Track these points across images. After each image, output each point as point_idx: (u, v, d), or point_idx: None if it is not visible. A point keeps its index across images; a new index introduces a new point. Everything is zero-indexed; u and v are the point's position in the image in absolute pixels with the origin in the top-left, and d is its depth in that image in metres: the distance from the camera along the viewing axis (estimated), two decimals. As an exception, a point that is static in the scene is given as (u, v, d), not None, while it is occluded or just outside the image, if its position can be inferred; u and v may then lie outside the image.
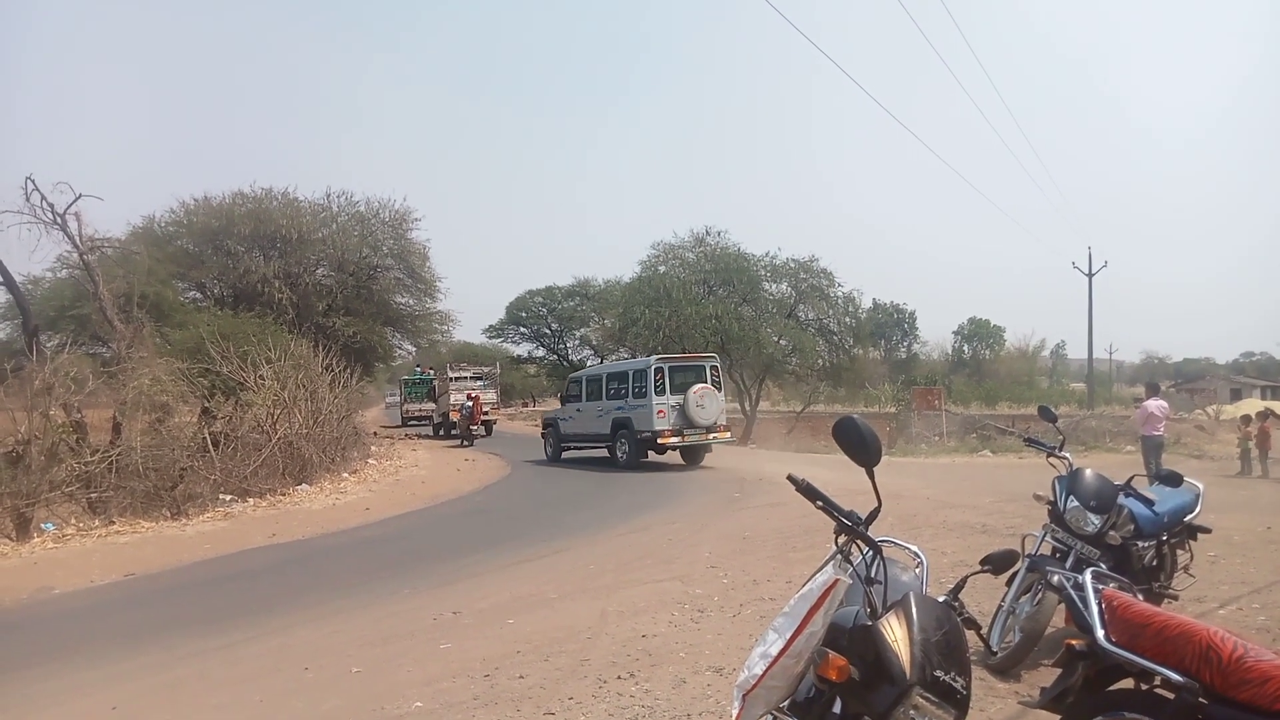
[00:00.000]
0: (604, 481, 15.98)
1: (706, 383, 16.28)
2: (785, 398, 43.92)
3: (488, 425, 25.52)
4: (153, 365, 13.46)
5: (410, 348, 33.30)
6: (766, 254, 30.06)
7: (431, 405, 32.65)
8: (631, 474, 16.85)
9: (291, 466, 14.56)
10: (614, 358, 41.31)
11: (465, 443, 25.01)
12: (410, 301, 30.17)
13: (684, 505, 12.21)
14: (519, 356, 42.92)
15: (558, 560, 8.48)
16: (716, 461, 19.03)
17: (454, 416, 28.63)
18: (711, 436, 16.38)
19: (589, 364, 44.79)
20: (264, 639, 6.12)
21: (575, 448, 18.73)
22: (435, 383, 32.48)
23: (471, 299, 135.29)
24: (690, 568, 7.63)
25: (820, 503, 2.50)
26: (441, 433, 29.28)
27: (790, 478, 2.53)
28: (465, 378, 30.72)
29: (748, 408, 30.73)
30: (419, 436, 30.26)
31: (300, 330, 22.52)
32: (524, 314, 44.16)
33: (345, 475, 16.13)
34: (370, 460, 18.98)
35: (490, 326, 45.58)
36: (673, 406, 16.09)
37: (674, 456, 17.57)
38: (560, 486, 15.68)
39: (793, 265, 29.55)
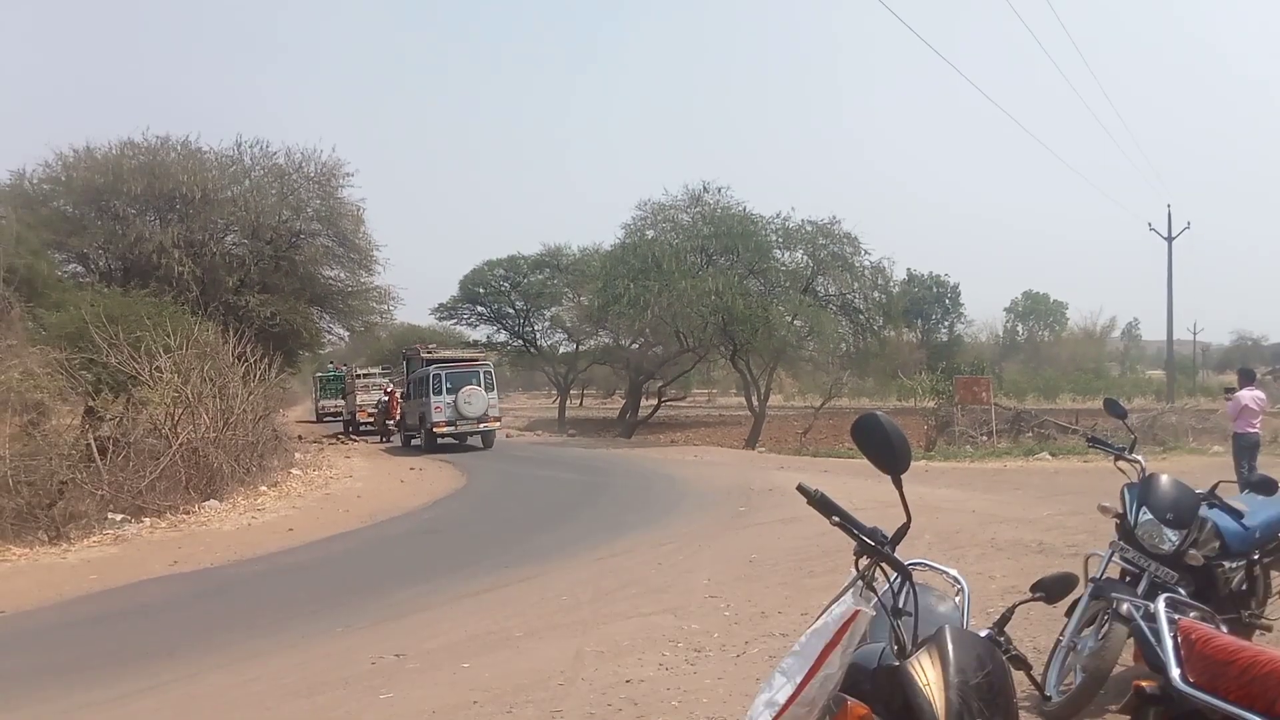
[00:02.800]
0: (581, 493, 16.02)
1: (478, 385, 25.11)
2: (801, 390, 44.07)
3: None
4: (23, 355, 13.35)
5: (342, 332, 33.13)
6: (778, 215, 29.93)
7: (344, 403, 38.64)
8: (615, 484, 16.95)
9: (197, 478, 14.51)
10: (591, 340, 41.51)
11: (384, 439, 30.12)
12: (342, 275, 29.94)
13: (677, 521, 12.27)
14: (475, 341, 42.81)
15: (524, 590, 8.50)
16: (716, 469, 19.11)
17: (362, 416, 34.97)
18: (481, 426, 25.21)
19: (560, 350, 44.96)
20: (165, 689, 6.11)
21: (413, 436, 26.99)
22: (345, 380, 38.86)
23: (418, 272, 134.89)
24: (685, 598, 7.67)
25: (836, 518, 2.50)
26: (350, 430, 35.45)
27: (801, 488, 2.52)
28: (374, 375, 37.45)
29: (755, 403, 30.82)
30: (352, 437, 30.32)
31: (206, 311, 22.28)
32: (481, 290, 43.98)
33: (263, 488, 16.16)
34: (294, 470, 18.97)
35: (440, 305, 45.33)
36: (448, 403, 24.84)
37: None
38: (527, 499, 15.73)
39: (809, 229, 29.50)
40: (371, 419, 34.83)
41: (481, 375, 25.59)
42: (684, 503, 14.11)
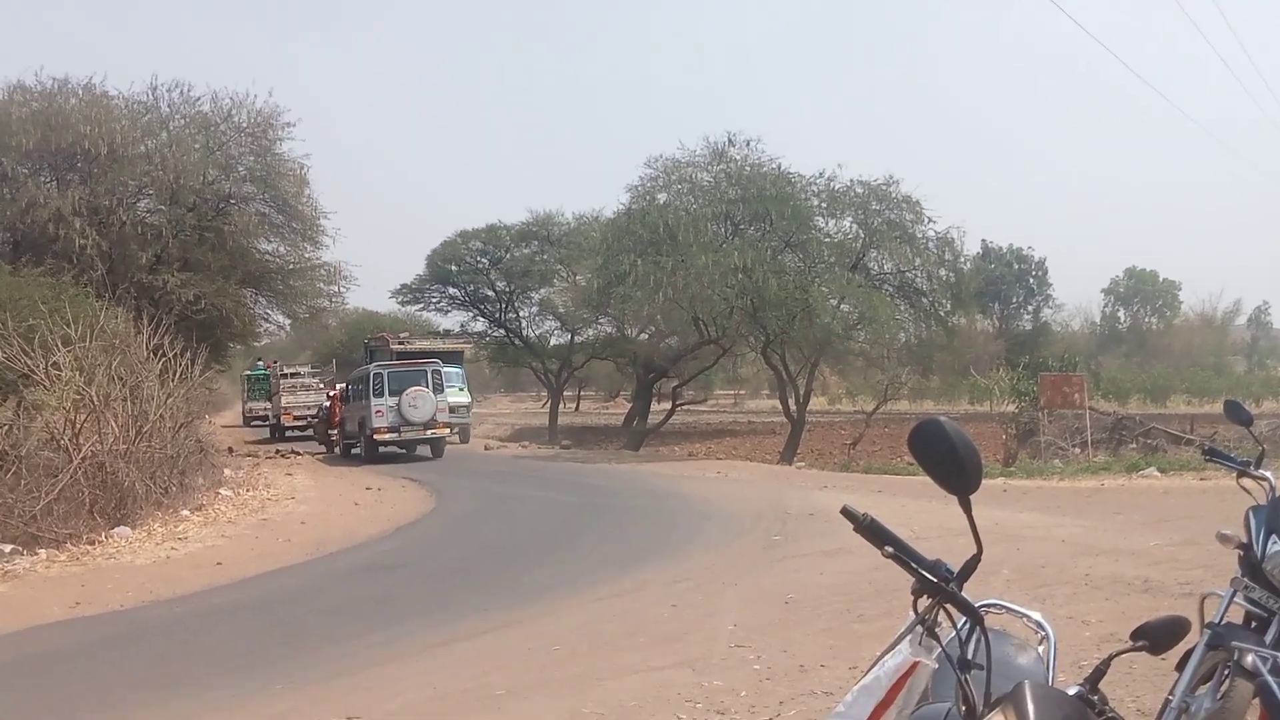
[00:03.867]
0: (577, 517, 16.06)
1: (425, 386, 26.53)
2: (849, 392, 44.12)
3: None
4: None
5: (283, 319, 33.29)
6: (820, 175, 29.85)
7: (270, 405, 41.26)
8: (619, 506, 16.99)
9: (104, 500, 14.52)
10: (591, 328, 41.61)
11: (329, 451, 31.40)
12: (281, 249, 30.09)
13: (696, 553, 12.31)
14: (446, 331, 42.97)
15: (506, 638, 8.54)
16: (744, 488, 19.14)
17: (287, 420, 37.70)
18: (429, 433, 26.68)
19: (551, 342, 45.12)
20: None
21: (353, 444, 28.76)
22: (271, 379, 41.31)
23: (377, 246, 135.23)
24: (705, 648, 7.68)
25: (891, 549, 2.49)
26: (276, 436, 38.39)
27: (847, 511, 2.51)
28: (301, 374, 40.07)
29: (792, 407, 30.83)
30: (294, 451, 30.45)
31: (115, 294, 22.37)
32: (454, 268, 44.09)
33: (186, 512, 16.19)
34: (223, 490, 19.05)
35: (403, 287, 45.44)
36: (391, 407, 26.24)
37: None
38: (510, 526, 15.78)
39: (860, 191, 29.43)
40: (300, 424, 37.06)
41: (430, 375, 27.14)
42: (704, 530, 14.18)
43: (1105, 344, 65.13)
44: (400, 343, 34.61)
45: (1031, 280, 60.74)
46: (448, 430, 28.11)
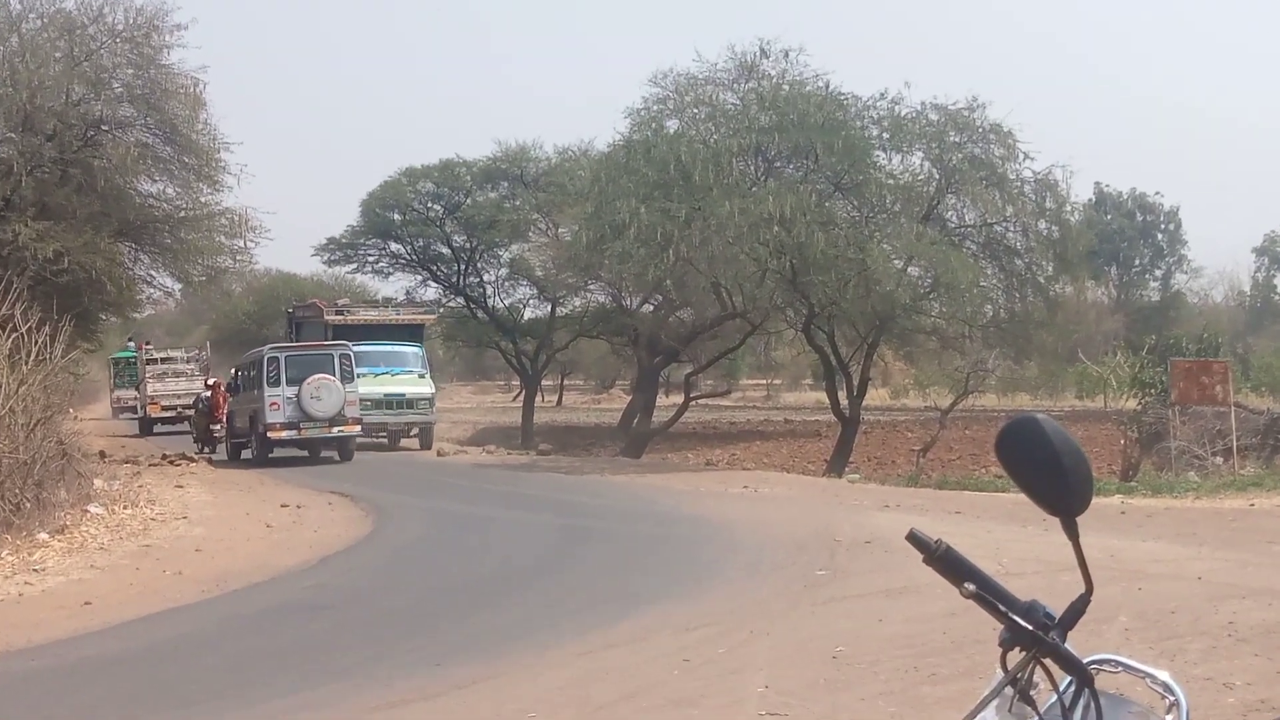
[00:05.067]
0: (560, 544, 16.14)
1: (331, 373, 28.23)
2: (917, 382, 44.10)
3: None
4: None
5: (172, 284, 33.27)
6: (882, 97, 29.80)
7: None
8: (614, 531, 17.05)
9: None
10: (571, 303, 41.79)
11: (205, 449, 33.28)
12: (170, 191, 30.05)
13: (716, 592, 12.38)
14: (388, 300, 43.01)
15: (465, 702, 8.55)
16: (780, 508, 19.18)
17: (154, 411, 40.84)
18: (336, 430, 28.20)
19: (525, 315, 45.23)
20: None
21: (243, 444, 30.71)
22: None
23: (295, 190, 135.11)
24: (728, 716, 7.70)
25: (972, 586, 2.49)
26: (144, 431, 41.39)
27: (915, 538, 2.52)
28: (175, 359, 43.33)
29: (844, 401, 30.82)
30: (187, 457, 30.51)
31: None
32: (397, 216, 44.06)
33: (44, 536, 16.19)
34: (93, 507, 19.04)
35: (330, 242, 45.39)
36: (288, 399, 27.70)
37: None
38: (472, 556, 15.85)
39: (934, 119, 29.38)
40: (169, 415, 39.61)
41: (338, 360, 28.93)
42: (727, 562, 14.17)
43: (1258, 321, 65.07)
44: (338, 312, 35.03)
45: (1160, 237, 60.70)
46: (358, 428, 29.36)
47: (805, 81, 29.93)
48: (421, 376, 34.24)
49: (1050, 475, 2.42)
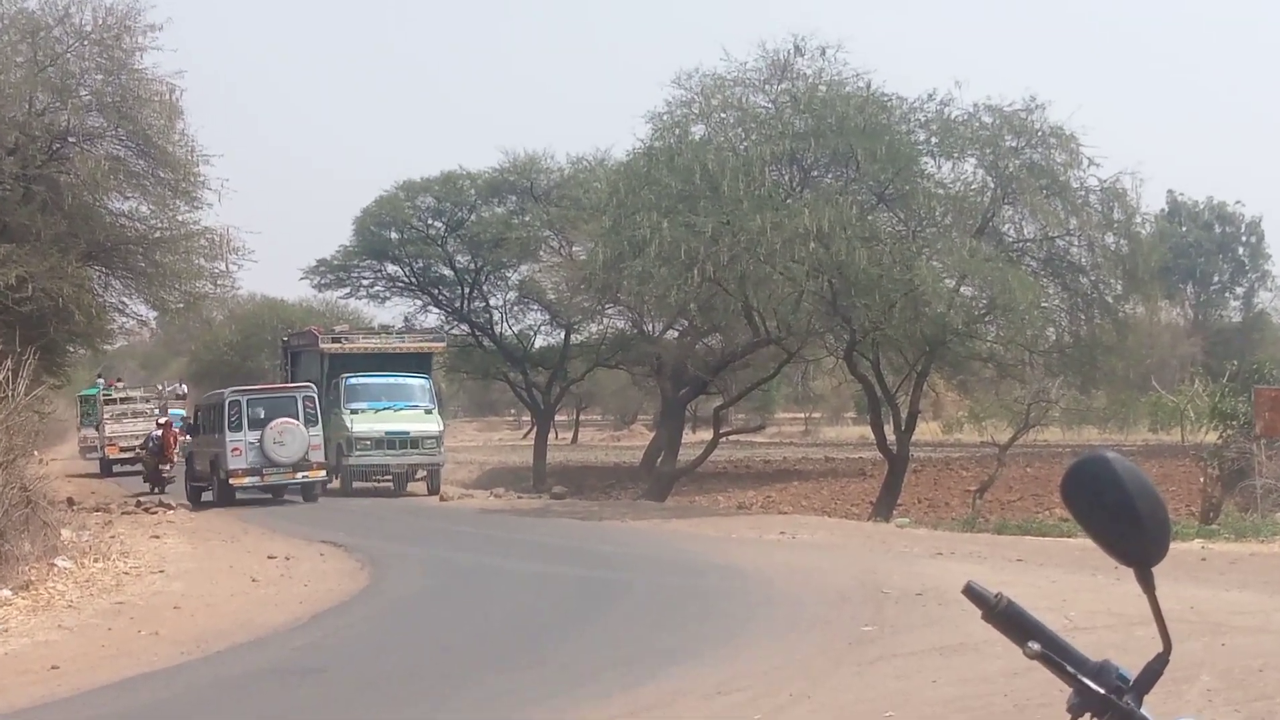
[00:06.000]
0: (578, 599, 16.17)
1: (295, 416, 30.03)
2: (973, 414, 43.86)
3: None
4: None
5: (146, 311, 33.44)
6: (930, 98, 29.87)
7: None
8: (637, 584, 17.09)
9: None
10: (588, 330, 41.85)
11: (156, 490, 34.55)
12: (144, 209, 30.03)
13: (750, 650, 12.36)
14: (384, 327, 43.13)
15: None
16: (821, 556, 19.17)
17: (112, 453, 43.05)
18: (300, 475, 30.12)
19: (536, 342, 45.23)
20: None
21: (203, 487, 32.11)
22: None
23: (283, 209, 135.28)
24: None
25: (1036, 645, 2.53)
26: (104, 472, 43.08)
27: (972, 591, 2.57)
28: (133, 399, 45.04)
29: (891, 436, 30.79)
30: (164, 505, 30.59)
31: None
32: (395, 235, 44.16)
33: (7, 593, 16.24)
34: (60, 560, 19.08)
35: (321, 265, 45.52)
36: (251, 444, 29.49)
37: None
38: (479, 614, 15.88)
39: (988, 121, 29.35)
40: (128, 456, 40.34)
41: (301, 403, 30.81)
42: (763, 617, 14.24)
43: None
44: (335, 340, 35.28)
45: (1241, 251, 60.14)
46: (323, 473, 31.42)
47: (845, 81, 30.07)
48: (429, 412, 34.17)
49: (1122, 521, 2.40)
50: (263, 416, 29.73)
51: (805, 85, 30.30)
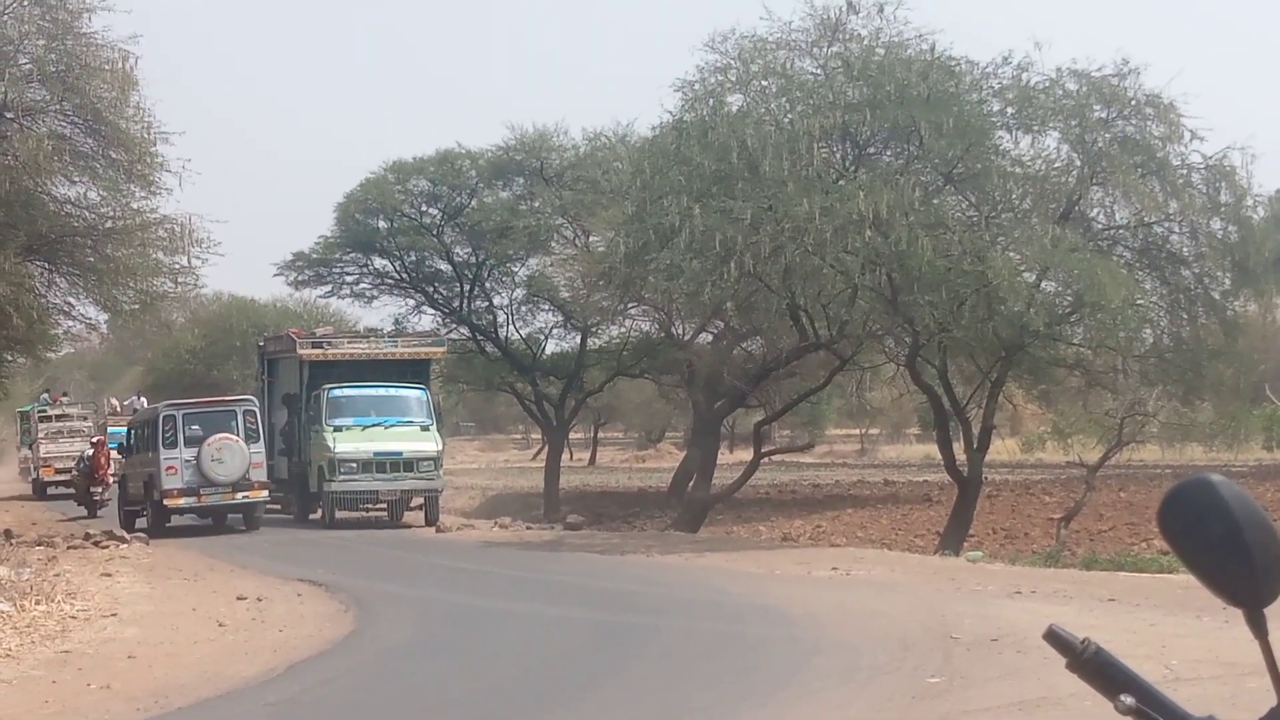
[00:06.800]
0: (594, 648, 16.24)
1: (235, 433, 31.54)
2: (1056, 430, 43.91)
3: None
4: None
5: (96, 314, 33.58)
6: (1005, 61, 29.79)
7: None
8: (665, 629, 17.12)
9: None
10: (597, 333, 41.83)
11: (90, 514, 36.32)
12: (93, 195, 30.24)
13: (800, 705, 12.49)
14: (372, 330, 43.28)
15: None
16: (879, 596, 19.14)
17: (47, 475, 44.47)
18: (240, 496, 31.52)
19: (547, 348, 45.36)
20: None
21: (137, 511, 33.88)
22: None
23: (252, 196, 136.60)
24: None
25: (1129, 699, 2.46)
26: (35, 493, 45.89)
27: (1055, 636, 2.49)
28: (69, 417, 46.45)
29: (962, 456, 30.71)
30: (118, 537, 30.73)
31: None
32: (382, 224, 44.43)
33: (-70, 639, 16.34)
34: (-2, 603, 19.15)
35: (297, 259, 45.73)
36: (187, 462, 30.98)
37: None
38: (482, 664, 15.97)
39: (1073, 89, 29.35)
40: (63, 479, 42.12)
41: (241, 417, 32.47)
42: (812, 667, 14.15)
43: None
44: (316, 345, 35.64)
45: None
46: (265, 493, 32.91)
47: (906, 44, 30.12)
48: (425, 429, 34.24)
49: (1230, 555, 2.39)
50: (200, 433, 31.10)
51: (860, 48, 30.37)
